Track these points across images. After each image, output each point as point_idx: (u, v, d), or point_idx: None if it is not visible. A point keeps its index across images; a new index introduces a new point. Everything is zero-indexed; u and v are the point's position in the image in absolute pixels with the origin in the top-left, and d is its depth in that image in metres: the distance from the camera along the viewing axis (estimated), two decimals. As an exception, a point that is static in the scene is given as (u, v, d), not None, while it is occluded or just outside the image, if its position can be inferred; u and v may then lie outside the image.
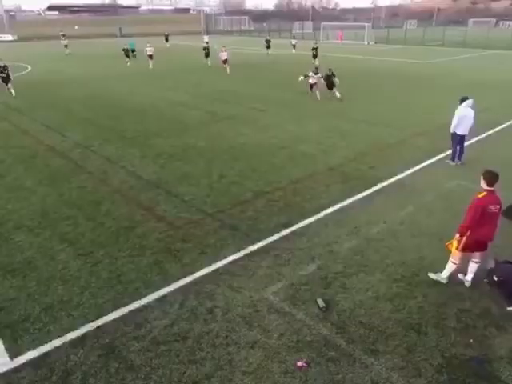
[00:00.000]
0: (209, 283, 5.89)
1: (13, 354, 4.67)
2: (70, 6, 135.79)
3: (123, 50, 34.16)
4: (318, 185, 9.25)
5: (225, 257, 6.52)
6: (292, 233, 7.25)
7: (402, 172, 9.90)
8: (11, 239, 7.10)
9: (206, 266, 6.29)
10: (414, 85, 22.60)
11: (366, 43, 53.32)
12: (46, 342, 4.84)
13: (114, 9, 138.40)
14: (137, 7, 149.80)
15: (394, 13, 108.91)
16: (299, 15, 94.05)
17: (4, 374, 4.43)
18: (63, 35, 53.73)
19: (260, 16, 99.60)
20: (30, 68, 31.68)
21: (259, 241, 6.97)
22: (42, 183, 9.50)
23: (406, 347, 4.78)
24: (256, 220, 7.68)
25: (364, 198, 8.64)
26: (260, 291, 5.72)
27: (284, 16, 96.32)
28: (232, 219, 7.72)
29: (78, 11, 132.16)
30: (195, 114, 16.32)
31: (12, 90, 19.34)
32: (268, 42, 39.22)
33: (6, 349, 4.75)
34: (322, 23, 64.03)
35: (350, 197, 8.60)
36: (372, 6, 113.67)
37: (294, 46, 40.57)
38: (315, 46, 32.50)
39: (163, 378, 4.37)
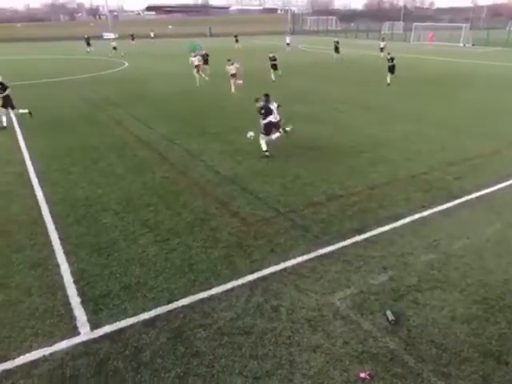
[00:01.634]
0: (276, 282, 5.92)
1: (93, 326, 5.10)
2: (166, 6, 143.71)
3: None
4: (396, 192, 8.85)
5: (294, 257, 6.50)
6: (365, 240, 7.03)
7: (493, 185, 9.11)
8: (99, 220, 7.74)
9: (275, 264, 6.33)
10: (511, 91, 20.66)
11: (462, 45, 49.82)
12: (122, 319, 5.21)
13: (205, 9, 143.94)
14: (227, 7, 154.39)
15: (497, 12, 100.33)
16: (389, 15, 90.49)
17: (85, 342, 4.85)
18: (153, 35, 57.33)
19: (348, 16, 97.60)
20: (126, 64, 34.22)
21: (330, 244, 6.85)
22: (129, 171, 10.22)
23: (481, 375, 4.41)
24: (328, 223, 7.56)
25: (447, 209, 8.09)
26: (327, 296, 5.63)
27: (373, 16, 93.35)
28: (304, 220, 7.68)
29: (172, 11, 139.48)
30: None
31: (12, 115, 15.18)
32: (337, 43, 35.00)
33: (88, 320, 5.19)
34: (414, 24, 61.01)
35: (430, 207, 8.11)
36: (472, 5, 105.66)
37: (382, 49, 35.67)
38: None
39: (225, 369, 4.48)
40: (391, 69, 22.49)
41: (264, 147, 11.08)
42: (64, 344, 4.81)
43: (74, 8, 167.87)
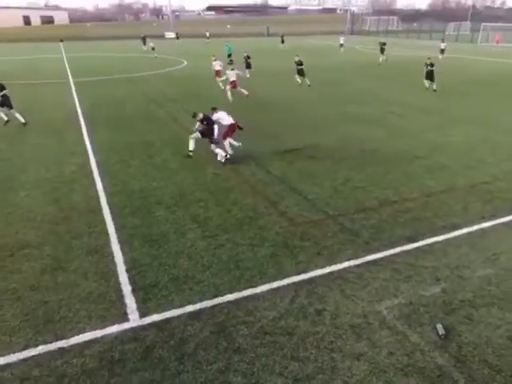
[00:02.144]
0: (321, 285, 5.85)
1: (142, 314, 5.31)
2: (226, 6, 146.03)
3: (228, 55, 32.86)
4: (454, 201, 8.43)
5: (341, 261, 6.39)
6: (417, 249, 6.76)
7: None
8: (153, 213, 8.04)
9: (321, 267, 6.25)
10: None
11: (535, 47, 46.43)
12: (169, 309, 5.38)
13: (264, 9, 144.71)
14: (285, 7, 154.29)
15: None
16: (455, 15, 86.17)
17: (133, 329, 5.06)
18: (208, 35, 58.83)
19: (410, 16, 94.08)
20: (185, 63, 35.23)
21: (379, 251, 6.66)
22: (182, 167, 10.53)
23: (540, 402, 4.10)
24: (378, 229, 7.35)
25: (509, 222, 7.59)
26: (373, 303, 5.48)
27: (438, 16, 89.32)
28: (353, 224, 7.52)
29: (231, 11, 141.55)
30: (328, 112, 16.25)
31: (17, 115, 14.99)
32: (383, 44, 33.53)
33: (137, 308, 5.41)
34: (482, 24, 57.70)
35: (491, 219, 7.65)
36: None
37: (443, 51, 34.28)
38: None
39: (265, 368, 4.50)
40: (429, 75, 20.58)
41: (191, 147, 11.14)
42: (114, 328, 5.05)
43: (138, 8, 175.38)
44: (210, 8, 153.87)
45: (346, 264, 6.33)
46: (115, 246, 6.85)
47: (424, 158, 10.96)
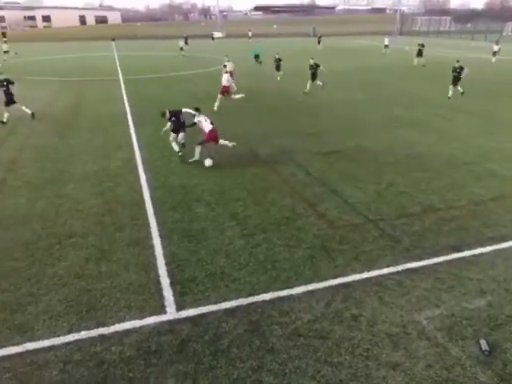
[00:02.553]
0: (358, 290, 5.73)
1: (179, 307, 5.42)
2: (273, 6, 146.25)
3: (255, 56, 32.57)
4: (504, 211, 8.00)
5: (380, 267, 6.24)
6: (461, 259, 6.47)
7: None
8: (193, 209, 8.19)
9: (359, 272, 6.13)
10: None
11: None
12: (205, 305, 5.46)
13: (311, 9, 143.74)
14: (333, 7, 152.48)
15: None
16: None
17: (170, 321, 5.18)
18: (250, 35, 59.03)
19: (464, 16, 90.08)
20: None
21: (421, 259, 6.44)
22: (223, 165, 10.64)
23: None
24: (421, 236, 7.11)
25: None
26: (413, 313, 5.30)
27: (495, 16, 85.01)
28: (394, 230, 7.32)
29: (278, 11, 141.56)
30: (373, 115, 15.90)
31: (27, 108, 15.77)
32: (421, 46, 31.62)
33: (175, 301, 5.53)
34: (545, 24, 54.26)
35: (545, 232, 7.20)
36: None
37: (495, 53, 32.74)
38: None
39: (298, 370, 4.46)
40: (455, 81, 18.66)
41: (176, 148, 11.05)
42: (152, 320, 5.20)
43: (187, 8, 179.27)
44: (257, 8, 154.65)
45: (385, 270, 6.17)
46: (156, 240, 7.04)
47: (473, 164, 10.48)
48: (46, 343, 4.83)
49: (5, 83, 15.04)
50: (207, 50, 47.03)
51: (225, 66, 18.27)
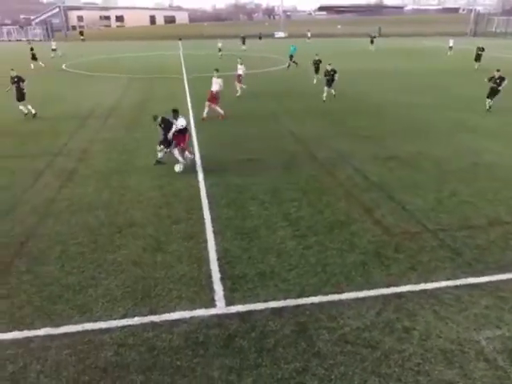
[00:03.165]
0: (412, 302, 5.50)
1: (228, 302, 5.52)
2: (338, 6, 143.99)
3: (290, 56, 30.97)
4: None
5: (437, 280, 5.94)
6: (530, 278, 6.00)
7: None
8: (247, 207, 8.29)
9: (414, 283, 5.88)
10: None
11: None
12: (254, 302, 5.51)
13: (378, 9, 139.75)
14: (401, 7, 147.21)
15: None
16: None
17: (219, 316, 5.29)
18: (309, 35, 58.36)
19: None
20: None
21: (483, 275, 6.05)
22: (279, 164, 10.66)
23: None
24: (485, 250, 6.67)
25: None
26: (470, 331, 5.00)
27: None
28: (455, 242, 6.93)
29: (343, 11, 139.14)
30: (438, 119, 15.15)
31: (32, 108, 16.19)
32: (480, 50, 30.06)
33: (224, 296, 5.63)
34: None
35: None
36: None
37: None
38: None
39: (344, 377, 4.37)
40: (493, 93, 16.31)
41: (160, 155, 10.47)
42: (202, 312, 5.33)
43: (252, 8, 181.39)
44: (321, 8, 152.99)
45: (442, 283, 5.87)
46: (209, 235, 7.21)
47: (549, 177, 9.66)
48: (102, 325, 5.12)
49: (16, 79, 15.78)
50: (266, 49, 47.30)
51: (216, 70, 16.04)
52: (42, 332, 4.98)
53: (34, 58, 32.84)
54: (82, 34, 74.78)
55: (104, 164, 10.80)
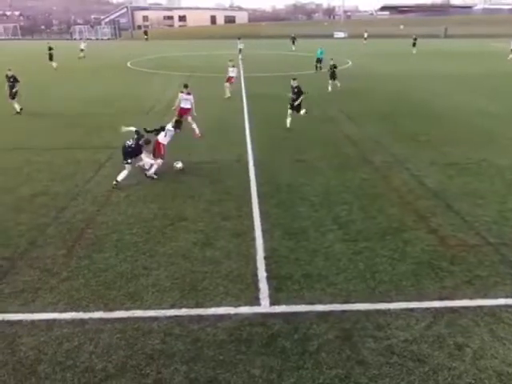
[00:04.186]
0: (466, 318, 5.20)
1: (272, 302, 5.52)
2: (401, 6, 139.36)
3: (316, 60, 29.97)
4: None
5: (495, 297, 5.58)
6: None
7: None
8: (296, 208, 8.25)
9: (470, 298, 5.56)
10: None
11: None
12: (299, 304, 5.47)
13: (444, 8, 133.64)
14: (470, 6, 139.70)
15: None
16: None
17: (263, 314, 5.31)
18: (366, 36, 56.65)
19: None
20: (350, 63, 34.90)
21: (549, 295, 5.60)
22: (331, 166, 10.51)
23: None
24: (552, 269, 6.17)
25: None
26: (531, 354, 4.64)
27: None
28: (518, 258, 6.47)
29: (407, 11, 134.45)
30: (504, 125, 14.20)
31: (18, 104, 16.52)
32: None
33: (269, 295, 5.64)
34: None
35: None
36: None
37: None
38: None
39: (388, 389, 4.23)
40: None
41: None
42: (246, 309, 5.38)
43: (312, 8, 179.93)
44: (383, 8, 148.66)
45: (501, 301, 5.50)
46: (258, 233, 7.25)
47: None
48: (151, 313, 5.31)
49: (11, 79, 16.38)
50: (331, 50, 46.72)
51: (186, 86, 14.19)
52: (96, 315, 5.26)
53: (50, 58, 32.55)
54: (146, 33, 77.92)
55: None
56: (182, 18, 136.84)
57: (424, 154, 11.32)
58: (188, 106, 13.60)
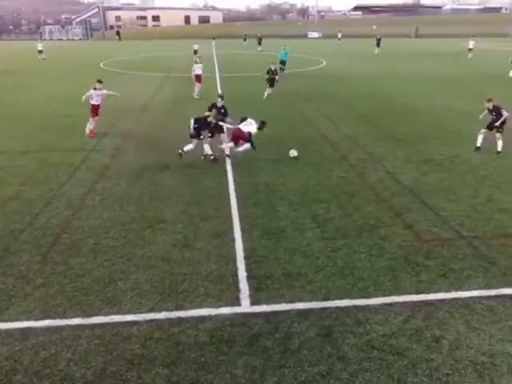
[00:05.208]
0: (442, 310, 5.34)
1: (253, 301, 5.52)
2: (374, 6, 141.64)
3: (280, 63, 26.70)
4: None
5: (469, 289, 5.74)
6: None
7: None
8: (274, 207, 8.28)
9: (445, 291, 5.71)
10: None
11: None
12: (279, 303, 5.49)
13: (415, 9, 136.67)
14: (439, 7, 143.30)
15: None
16: None
17: (243, 314, 5.30)
18: (340, 36, 57.48)
19: None
20: (324, 63, 35.30)
21: (519, 286, 5.80)
22: (309, 166, 10.59)
23: None
24: (522, 260, 6.40)
25: None
26: (504, 343, 4.80)
27: None
28: (490, 250, 6.68)
29: (379, 11, 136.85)
30: (475, 124, 14.62)
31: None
32: None
33: (250, 295, 5.64)
34: None
35: None
36: None
37: None
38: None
39: (368, 383, 4.30)
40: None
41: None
42: (227, 310, 5.36)
43: (286, 8, 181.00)
44: (356, 8, 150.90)
45: (475, 293, 5.67)
46: (237, 233, 7.24)
47: None
48: (131, 317, 5.23)
49: None
50: (306, 51, 47.05)
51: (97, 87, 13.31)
52: (73, 321, 5.15)
53: None
54: (118, 33, 76.73)
55: (136, 160, 11.03)
56: (156, 18, 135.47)
57: (399, 152, 11.56)
58: (99, 103, 13.42)
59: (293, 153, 11.03)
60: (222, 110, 11.66)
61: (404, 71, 29.49)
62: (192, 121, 10.79)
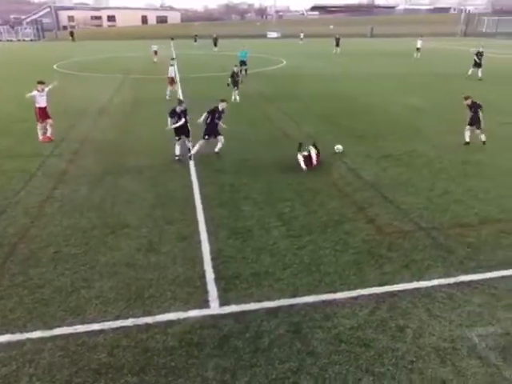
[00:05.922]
0: (405, 300, 5.53)
1: (222, 303, 5.51)
2: (330, 6, 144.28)
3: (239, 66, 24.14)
4: None
5: (429, 278, 5.98)
6: (521, 275, 6.06)
7: None
8: (240, 207, 8.28)
9: (407, 281, 5.92)
10: None
11: None
12: (248, 302, 5.50)
13: (369, 9, 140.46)
14: (393, 7, 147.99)
15: None
16: None
17: (213, 316, 5.28)
18: (302, 36, 58.38)
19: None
20: (284, 62, 35.66)
21: (475, 273, 6.10)
22: (273, 165, 10.66)
23: None
24: (476, 249, 6.73)
25: None
26: (463, 328, 5.04)
27: None
28: (447, 240, 6.99)
29: (336, 11, 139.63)
30: (429, 120, 15.26)
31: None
32: (478, 55, 25.82)
33: (218, 296, 5.62)
34: None
35: None
36: None
37: None
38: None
39: (338, 376, 4.39)
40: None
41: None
42: (195, 313, 5.32)
43: (244, 8, 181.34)
44: (314, 8, 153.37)
45: (435, 282, 5.91)
46: (203, 235, 7.19)
47: (540, 176, 9.77)
48: (96, 327, 5.08)
49: None
50: (266, 51, 47.27)
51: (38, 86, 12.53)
52: (34, 334, 4.94)
53: None
54: (72, 34, 74.10)
55: (96, 165, 10.72)
56: (111, 18, 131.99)
57: (359, 149, 11.85)
58: (45, 104, 12.72)
59: (338, 148, 11.48)
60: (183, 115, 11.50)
61: (361, 71, 30.28)
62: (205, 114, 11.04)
